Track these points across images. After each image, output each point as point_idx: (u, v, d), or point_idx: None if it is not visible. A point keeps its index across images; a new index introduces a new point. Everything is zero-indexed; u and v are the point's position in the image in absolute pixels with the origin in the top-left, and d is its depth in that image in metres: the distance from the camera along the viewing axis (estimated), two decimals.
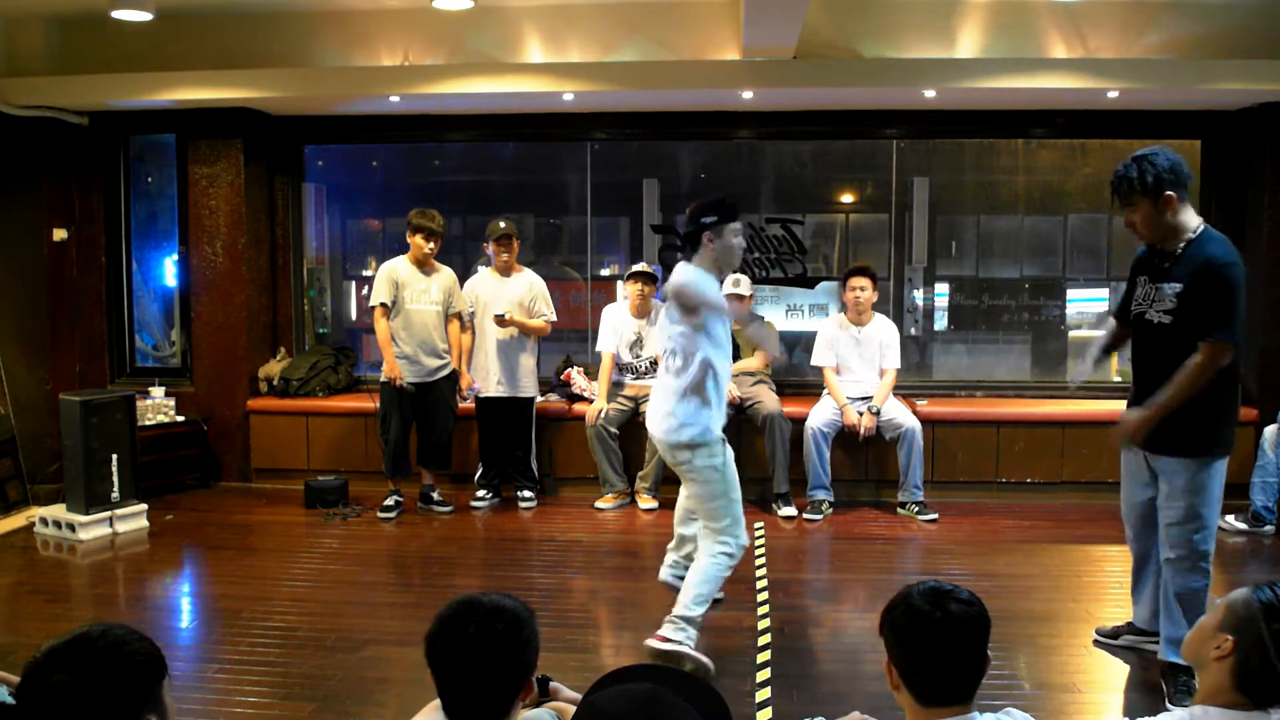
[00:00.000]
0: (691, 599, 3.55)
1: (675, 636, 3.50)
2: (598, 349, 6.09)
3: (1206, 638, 1.83)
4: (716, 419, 3.62)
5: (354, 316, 7.53)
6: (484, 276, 5.98)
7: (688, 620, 3.53)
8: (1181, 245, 3.26)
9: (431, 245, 5.61)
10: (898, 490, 5.69)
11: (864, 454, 5.94)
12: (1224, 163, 6.23)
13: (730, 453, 3.68)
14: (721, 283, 3.71)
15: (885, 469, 5.92)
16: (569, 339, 6.92)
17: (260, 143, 6.52)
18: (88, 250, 6.56)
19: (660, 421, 3.66)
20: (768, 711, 3.21)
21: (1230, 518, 5.33)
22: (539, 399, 6.06)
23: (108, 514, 5.33)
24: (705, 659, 3.48)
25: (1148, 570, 3.60)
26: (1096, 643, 3.77)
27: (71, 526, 5.23)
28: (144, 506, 5.50)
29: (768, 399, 5.78)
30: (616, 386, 6.03)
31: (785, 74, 5.68)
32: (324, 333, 7.18)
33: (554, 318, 5.93)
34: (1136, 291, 3.46)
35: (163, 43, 6.05)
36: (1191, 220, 3.28)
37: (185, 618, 4.34)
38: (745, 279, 6.02)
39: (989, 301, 6.98)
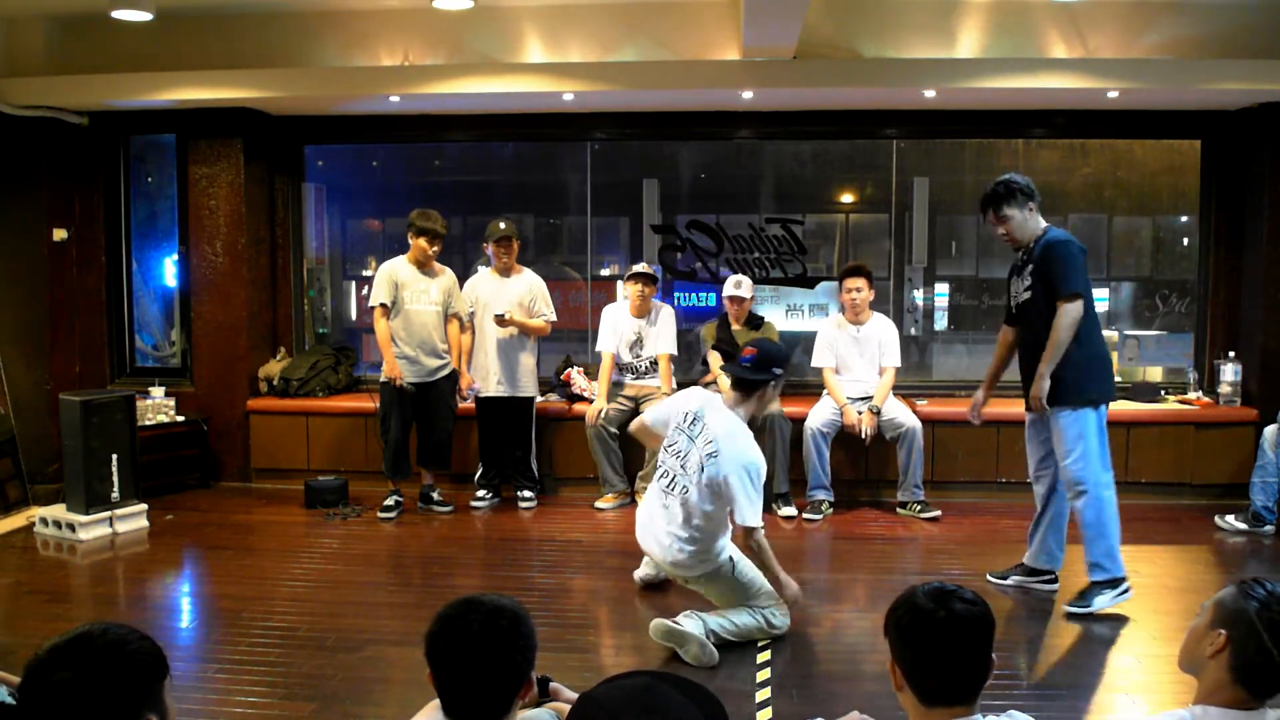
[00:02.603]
0: (721, 623, 3.69)
1: (685, 623, 3.59)
2: (598, 349, 6.09)
3: (1199, 639, 1.83)
4: (725, 546, 3.84)
5: (354, 316, 7.53)
6: (484, 276, 5.98)
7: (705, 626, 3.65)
8: (1034, 243, 4.14)
9: (436, 248, 5.62)
10: (898, 490, 5.69)
11: (864, 454, 5.94)
12: (1224, 163, 6.24)
13: (737, 555, 3.86)
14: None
15: (885, 469, 5.92)
16: (569, 339, 6.92)
17: (260, 143, 6.52)
18: (88, 250, 6.55)
19: (665, 547, 3.82)
20: (768, 711, 3.21)
21: (1230, 517, 5.33)
22: (539, 399, 6.06)
23: (108, 514, 5.32)
24: (712, 648, 3.55)
25: (1043, 517, 4.31)
26: (993, 584, 4.37)
27: (71, 526, 5.23)
28: (144, 506, 5.50)
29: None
30: (616, 386, 6.03)
31: (785, 74, 5.68)
32: (324, 333, 7.18)
33: (554, 317, 5.93)
34: (1009, 287, 4.36)
35: (163, 43, 6.05)
36: (1041, 223, 4.17)
37: (185, 618, 4.34)
38: (746, 280, 6.02)
39: (989, 301, 6.98)
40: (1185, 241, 6.75)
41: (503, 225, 5.77)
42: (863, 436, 5.62)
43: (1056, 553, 4.31)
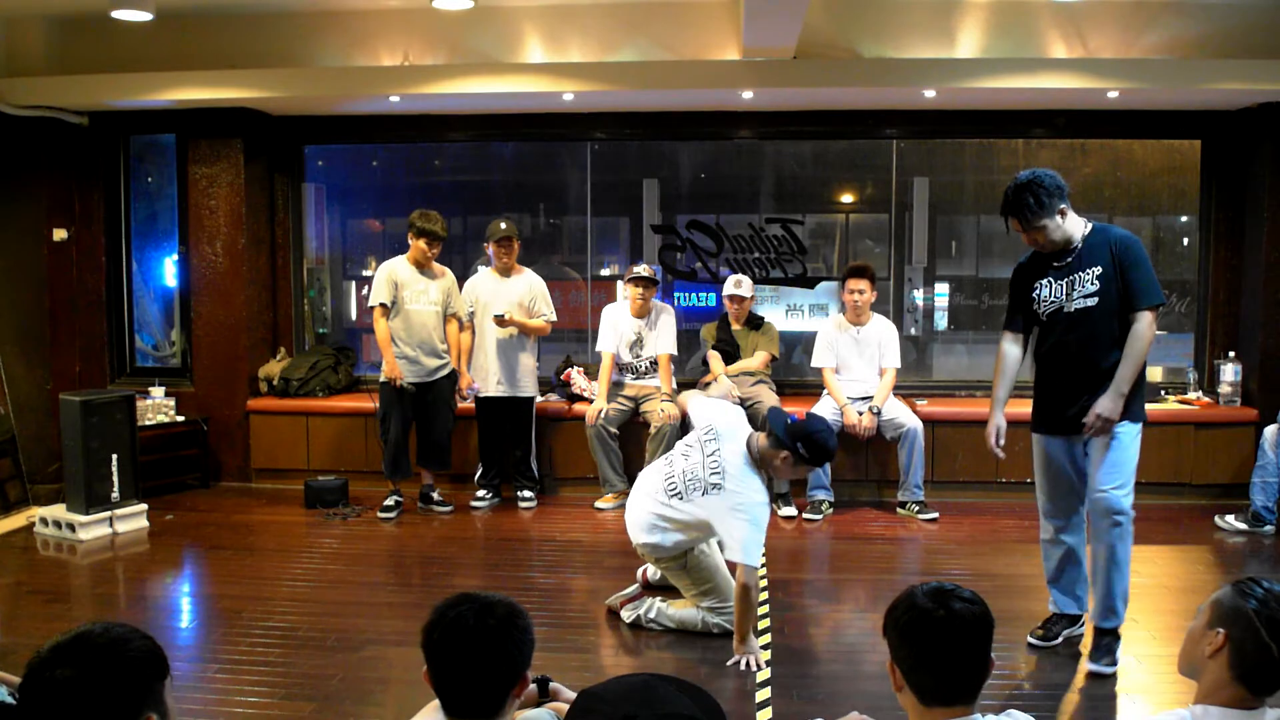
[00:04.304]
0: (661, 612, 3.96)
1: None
2: (598, 349, 6.09)
3: (1197, 640, 1.83)
4: (685, 545, 3.89)
5: (354, 316, 7.53)
6: (484, 276, 5.98)
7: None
8: (1081, 241, 3.58)
9: (435, 250, 5.63)
10: (898, 490, 5.69)
11: (864, 454, 5.94)
12: (1224, 163, 6.24)
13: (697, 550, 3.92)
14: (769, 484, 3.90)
15: (885, 469, 5.92)
16: (569, 339, 6.92)
17: (260, 143, 6.52)
18: (88, 250, 6.55)
19: (638, 528, 3.90)
20: (767, 711, 3.21)
21: (1230, 518, 5.34)
22: (539, 399, 6.06)
23: (108, 514, 5.32)
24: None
25: (1080, 554, 3.75)
26: (1031, 647, 3.72)
27: (71, 526, 5.23)
28: (144, 506, 5.50)
29: (768, 399, 5.77)
30: (616, 386, 6.03)
31: (785, 74, 5.68)
32: (324, 333, 7.18)
33: (554, 317, 5.93)
34: (1042, 293, 3.65)
35: (163, 43, 6.05)
36: (1078, 220, 3.60)
37: (185, 618, 4.34)
38: (746, 279, 6.02)
39: (989, 301, 6.98)
40: (1185, 241, 6.75)
41: (503, 225, 5.77)
42: (861, 438, 5.62)
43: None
